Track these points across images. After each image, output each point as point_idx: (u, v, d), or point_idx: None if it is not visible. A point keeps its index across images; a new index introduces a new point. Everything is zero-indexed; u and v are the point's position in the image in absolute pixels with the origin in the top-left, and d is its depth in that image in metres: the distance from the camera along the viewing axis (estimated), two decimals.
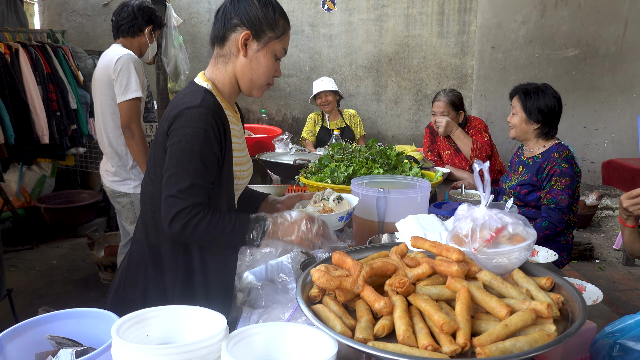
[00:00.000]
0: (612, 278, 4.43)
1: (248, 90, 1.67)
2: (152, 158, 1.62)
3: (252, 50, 1.59)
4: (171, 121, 1.49)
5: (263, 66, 1.61)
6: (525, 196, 2.84)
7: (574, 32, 5.99)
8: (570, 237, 2.90)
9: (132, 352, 0.95)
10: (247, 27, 1.57)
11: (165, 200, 1.46)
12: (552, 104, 2.79)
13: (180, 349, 0.95)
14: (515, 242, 1.27)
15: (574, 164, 2.77)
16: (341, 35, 6.08)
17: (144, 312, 1.08)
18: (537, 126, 2.83)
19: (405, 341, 1.01)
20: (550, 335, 1.00)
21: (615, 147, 6.19)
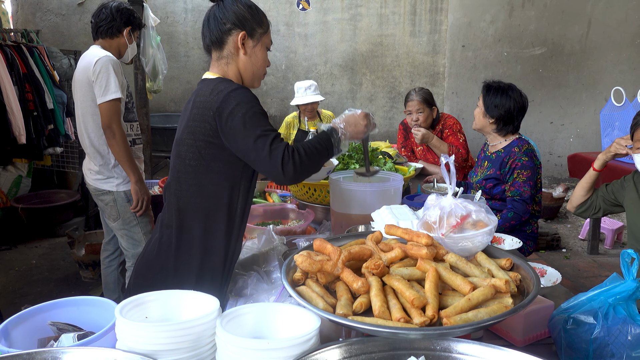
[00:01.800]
0: (578, 266, 4.66)
1: (251, 82, 1.87)
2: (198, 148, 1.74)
3: (249, 47, 1.80)
4: (221, 108, 1.66)
5: (260, 59, 1.84)
6: (490, 189, 3.00)
7: (541, 31, 6.23)
8: (535, 226, 3.07)
9: (135, 330, 1.05)
10: (241, 28, 1.77)
11: (265, 157, 1.63)
12: (509, 104, 2.93)
13: (179, 325, 1.06)
14: (478, 228, 1.40)
15: (534, 157, 2.94)
16: (316, 34, 6.19)
17: (143, 296, 1.19)
18: (493, 121, 2.99)
19: (380, 315, 1.14)
20: (507, 307, 1.14)
21: (580, 141, 6.46)
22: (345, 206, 2.13)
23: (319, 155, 1.72)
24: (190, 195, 1.78)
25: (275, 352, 1.01)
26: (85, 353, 1.04)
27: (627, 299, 1.47)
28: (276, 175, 1.66)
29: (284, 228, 2.39)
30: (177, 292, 1.21)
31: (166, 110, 6.24)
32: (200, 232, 1.79)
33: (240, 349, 1.02)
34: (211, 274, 1.81)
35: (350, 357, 1.07)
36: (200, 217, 1.78)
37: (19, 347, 1.25)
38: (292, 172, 1.63)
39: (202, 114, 1.72)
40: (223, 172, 1.76)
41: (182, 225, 1.80)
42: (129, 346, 1.07)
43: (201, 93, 1.76)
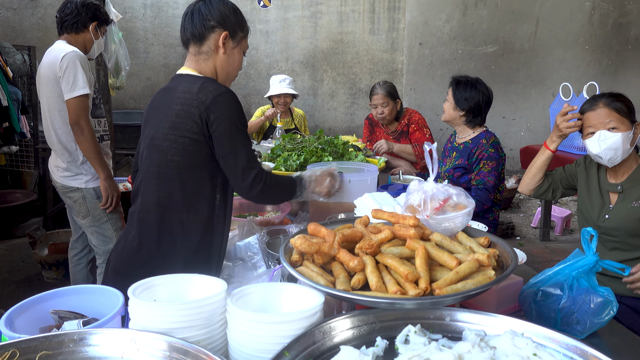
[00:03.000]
0: (531, 252, 4.93)
1: (223, 82, 1.90)
2: (182, 144, 1.77)
3: (229, 47, 1.85)
4: (210, 108, 1.72)
5: (237, 61, 1.91)
6: (458, 179, 3.16)
7: (492, 30, 6.51)
8: (497, 214, 3.26)
9: (151, 310, 1.11)
10: (224, 28, 1.82)
11: (237, 173, 1.75)
12: (478, 97, 3.12)
13: (193, 304, 1.12)
14: (458, 210, 1.52)
15: (500, 149, 3.12)
16: (277, 31, 6.25)
17: (152, 280, 1.23)
18: (463, 114, 3.16)
19: (378, 289, 1.23)
20: (491, 278, 1.26)
21: (530, 135, 6.79)
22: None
23: (283, 191, 1.90)
24: (172, 189, 1.80)
25: (286, 325, 1.09)
26: (109, 333, 1.08)
27: (589, 272, 1.62)
28: (243, 189, 1.78)
29: (263, 219, 2.45)
30: (185, 275, 1.27)
31: (126, 107, 6.14)
32: (181, 225, 1.82)
33: (252, 323, 1.09)
34: (198, 266, 1.82)
35: (354, 327, 1.16)
36: (182, 211, 1.81)
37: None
38: (258, 192, 1.77)
39: (187, 111, 1.75)
40: (204, 167, 1.80)
41: (164, 220, 1.82)
42: (144, 326, 1.12)
43: (185, 89, 1.78)
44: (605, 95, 2.30)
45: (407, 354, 1.04)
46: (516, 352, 1.03)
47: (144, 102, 6.16)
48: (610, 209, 2.35)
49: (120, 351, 1.07)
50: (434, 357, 1.02)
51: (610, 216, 2.33)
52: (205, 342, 1.11)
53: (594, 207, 2.41)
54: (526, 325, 1.12)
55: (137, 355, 1.06)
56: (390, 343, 1.13)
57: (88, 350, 1.08)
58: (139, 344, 1.06)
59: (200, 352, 1.01)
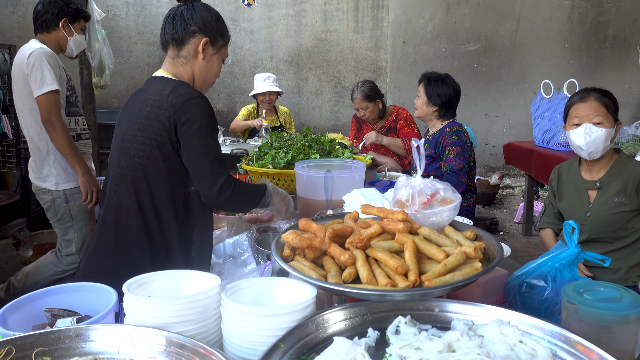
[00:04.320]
0: (514, 247, 5.01)
1: (200, 87, 1.91)
2: (149, 147, 1.74)
3: (208, 54, 1.86)
4: (179, 112, 1.71)
5: (215, 67, 1.92)
6: (426, 167, 3.25)
7: (475, 28, 6.59)
8: (472, 201, 3.34)
9: (146, 305, 1.12)
10: (205, 34, 1.83)
11: (205, 178, 1.74)
12: (448, 91, 3.27)
13: (188, 299, 1.14)
14: (445, 204, 1.56)
15: (464, 136, 3.24)
16: (262, 29, 6.25)
17: (147, 276, 1.25)
18: (436, 108, 3.30)
19: (368, 282, 1.26)
20: (478, 269, 1.29)
21: (512, 131, 6.89)
22: (312, 193, 2.24)
23: (251, 200, 1.93)
24: (140, 193, 1.78)
25: (280, 317, 1.11)
26: (105, 329, 1.10)
27: (571, 263, 1.68)
28: (211, 196, 1.76)
29: (251, 216, 2.46)
30: (179, 271, 1.29)
31: (109, 106, 6.09)
32: (151, 230, 1.79)
33: (246, 316, 1.11)
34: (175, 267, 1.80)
35: (346, 319, 1.19)
36: (151, 215, 1.78)
37: None
38: (226, 198, 1.76)
39: (156, 113, 1.73)
40: (172, 171, 1.77)
41: (131, 224, 1.78)
42: (139, 321, 1.13)
43: (157, 92, 1.77)
44: (596, 89, 2.36)
45: (398, 343, 1.07)
46: (503, 340, 1.07)
47: None
48: (590, 207, 2.41)
49: (116, 346, 1.08)
50: (424, 346, 1.05)
51: (591, 213, 2.40)
52: (200, 336, 1.13)
53: (575, 208, 2.47)
54: (512, 314, 1.16)
55: (133, 350, 1.07)
56: (382, 334, 1.16)
57: (84, 346, 1.09)
58: (135, 338, 1.08)
59: (197, 345, 1.03)
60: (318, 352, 1.05)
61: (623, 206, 2.32)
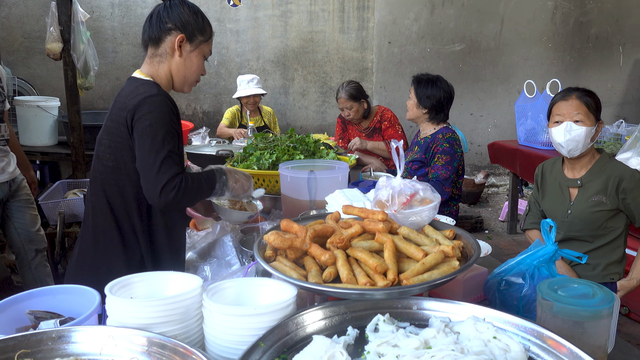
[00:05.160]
0: (499, 245, 5.07)
1: (180, 86, 1.89)
2: (114, 149, 1.74)
3: (186, 51, 1.83)
4: (134, 111, 1.68)
5: (195, 65, 1.86)
6: (415, 171, 3.26)
7: (459, 28, 6.65)
8: (455, 208, 3.35)
9: (128, 307, 1.14)
10: (181, 31, 1.80)
11: (148, 179, 1.66)
12: (439, 94, 3.22)
13: (169, 300, 1.15)
14: (425, 204, 1.59)
15: (455, 145, 3.21)
16: (248, 30, 6.25)
17: (130, 277, 1.26)
18: (426, 111, 3.26)
19: (348, 281, 1.28)
20: (455, 268, 1.33)
21: (497, 131, 6.97)
22: (296, 193, 2.26)
23: (202, 191, 1.79)
24: (112, 196, 1.78)
25: (261, 317, 1.13)
26: (87, 331, 1.11)
27: (549, 261, 1.71)
28: (152, 199, 1.69)
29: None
30: (161, 273, 1.30)
31: (95, 107, 6.06)
32: (126, 230, 1.79)
33: (228, 316, 1.13)
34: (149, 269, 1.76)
35: (326, 318, 1.21)
36: (124, 219, 1.79)
37: None
38: (169, 200, 1.65)
39: (119, 115, 1.74)
40: (137, 173, 1.74)
41: (107, 227, 1.79)
42: (121, 322, 1.14)
43: (123, 93, 1.78)
44: (579, 89, 2.41)
45: (376, 341, 1.09)
46: (478, 336, 1.10)
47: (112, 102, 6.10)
48: (571, 205, 2.45)
49: (98, 347, 1.10)
50: (401, 343, 1.08)
51: (572, 211, 2.44)
52: (182, 336, 1.15)
53: (557, 205, 2.51)
54: (487, 311, 1.19)
55: (115, 351, 1.09)
56: (361, 332, 1.18)
57: (67, 348, 1.10)
58: (117, 339, 1.09)
59: (178, 345, 1.04)
60: (298, 351, 1.07)
61: (602, 205, 2.36)
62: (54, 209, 3.50)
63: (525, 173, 4.74)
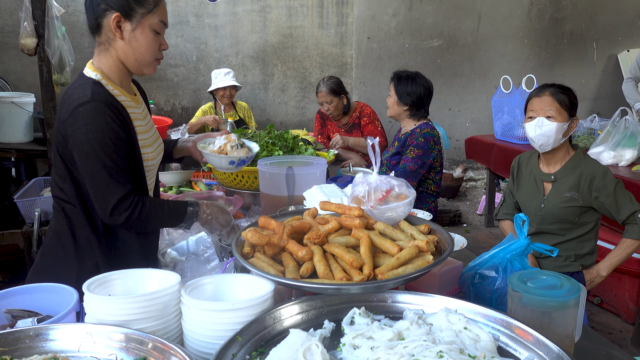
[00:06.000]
0: (477, 238, 5.16)
1: (137, 69, 1.68)
2: (58, 157, 1.65)
3: (127, 31, 1.60)
4: (66, 123, 1.55)
5: (143, 44, 1.63)
6: (393, 167, 3.31)
7: (438, 24, 6.71)
8: (433, 205, 3.39)
9: (107, 304, 1.15)
10: (115, 9, 1.57)
11: (98, 197, 1.55)
12: (419, 90, 3.26)
13: (148, 297, 1.16)
14: (400, 200, 1.62)
15: (431, 141, 3.23)
16: (226, 25, 6.22)
17: (108, 275, 1.27)
18: (407, 108, 3.29)
19: (325, 276, 1.31)
20: (429, 262, 1.36)
21: (475, 125, 7.06)
22: (275, 189, 2.28)
23: (163, 222, 1.70)
24: (65, 201, 1.69)
25: (239, 312, 1.15)
26: (65, 328, 1.12)
27: (521, 254, 1.76)
28: (104, 218, 1.58)
29: None
30: (139, 270, 1.31)
31: None
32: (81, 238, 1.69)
33: (205, 312, 1.15)
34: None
35: (303, 312, 1.24)
36: (79, 222, 1.69)
37: None
38: (122, 221, 1.55)
39: (56, 122, 1.63)
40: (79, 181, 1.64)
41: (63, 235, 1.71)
42: (100, 319, 1.15)
43: (65, 94, 1.64)
44: (554, 85, 2.46)
45: (351, 334, 1.12)
46: (449, 327, 1.13)
47: None
48: (545, 199, 2.51)
49: (77, 344, 1.11)
50: (376, 335, 1.11)
51: (545, 205, 2.50)
52: (161, 332, 1.16)
53: (531, 198, 2.57)
54: (459, 303, 1.23)
55: (93, 348, 1.10)
56: (338, 325, 1.21)
57: (45, 345, 1.11)
58: (95, 336, 1.10)
59: (156, 340, 1.06)
60: (275, 344, 1.10)
61: (574, 201, 2.42)
62: (29, 207, 3.46)
63: (500, 168, 4.80)
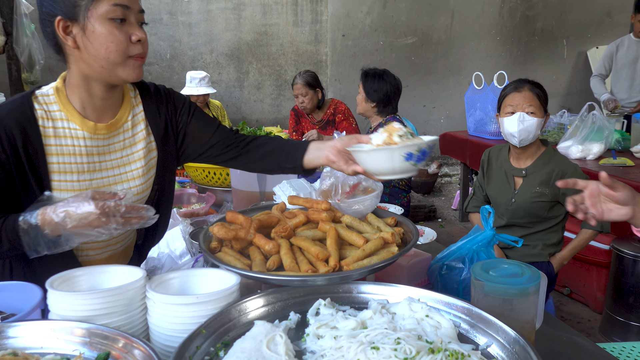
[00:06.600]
0: (452, 233, 5.23)
1: (112, 78, 1.36)
2: None
3: (78, 36, 1.30)
4: None
5: (102, 44, 1.29)
6: None
7: (411, 22, 6.77)
8: (406, 200, 3.44)
9: (71, 299, 1.14)
10: (56, 13, 1.29)
11: None
12: (386, 87, 3.31)
13: (112, 292, 1.16)
14: (367, 193, 1.65)
15: None
16: (200, 23, 6.18)
17: (72, 272, 1.26)
18: (374, 104, 3.34)
19: (291, 269, 1.32)
20: (395, 253, 1.39)
21: (449, 122, 7.15)
22: (247, 185, 2.29)
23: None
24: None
25: (204, 305, 1.16)
26: (27, 325, 1.11)
27: (487, 245, 1.80)
28: None
29: (187, 211, 2.48)
30: (104, 267, 1.31)
31: None
32: None
33: (170, 306, 1.15)
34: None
35: (269, 304, 1.25)
36: None
37: None
38: None
39: None
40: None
41: None
42: (63, 316, 1.15)
43: None
44: (529, 81, 2.50)
45: (315, 324, 1.14)
46: (412, 315, 1.16)
47: None
48: (515, 193, 2.56)
49: (40, 341, 1.10)
50: (339, 325, 1.13)
51: (515, 200, 2.55)
52: (126, 327, 1.16)
53: (502, 193, 2.62)
54: (422, 292, 1.26)
55: (57, 344, 1.09)
56: (303, 317, 1.23)
57: (7, 343, 1.10)
58: (58, 332, 1.10)
59: (119, 334, 1.06)
60: (240, 336, 1.10)
61: (544, 197, 2.48)
62: None
63: (474, 162, 4.88)
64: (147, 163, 1.55)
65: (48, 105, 1.40)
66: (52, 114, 1.40)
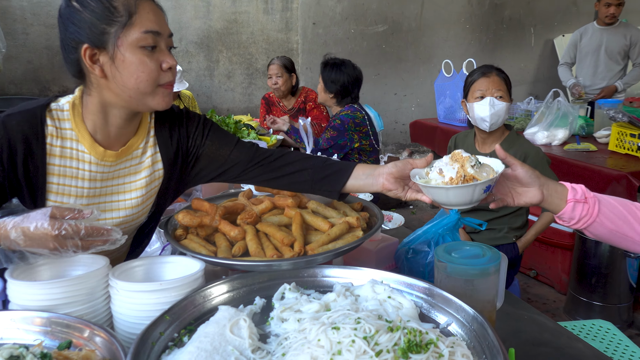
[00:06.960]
0: (423, 219, 5.30)
1: (140, 107, 1.32)
2: None
3: (107, 65, 1.24)
4: None
5: (132, 73, 1.24)
6: (324, 152, 3.38)
7: (382, 9, 6.78)
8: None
9: (31, 289, 1.12)
10: (83, 40, 1.23)
11: None
12: (343, 78, 3.31)
13: (73, 281, 1.15)
14: None
15: (350, 123, 3.29)
16: (169, 11, 6.02)
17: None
18: (332, 95, 3.35)
19: (256, 255, 1.33)
20: (359, 237, 1.40)
21: (420, 109, 7.21)
22: None
23: None
24: None
25: (167, 292, 1.16)
26: None
27: (452, 229, 1.84)
28: None
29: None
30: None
31: (6, 93, 5.71)
32: None
33: (134, 293, 1.15)
34: None
35: (234, 290, 1.26)
36: None
37: None
38: None
39: None
40: None
41: None
42: (24, 306, 1.13)
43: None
44: (494, 67, 2.55)
45: (280, 308, 1.15)
46: (375, 297, 1.18)
47: (26, 87, 5.77)
48: None
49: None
50: (303, 308, 1.14)
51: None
52: (89, 316, 1.15)
53: None
54: (386, 274, 1.28)
55: (18, 334, 1.08)
56: (269, 301, 1.24)
57: None
58: (18, 323, 1.09)
59: (81, 322, 1.05)
60: (204, 322, 1.11)
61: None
62: None
63: (443, 150, 4.95)
64: (148, 192, 1.47)
65: (61, 122, 1.34)
66: (62, 131, 1.34)
